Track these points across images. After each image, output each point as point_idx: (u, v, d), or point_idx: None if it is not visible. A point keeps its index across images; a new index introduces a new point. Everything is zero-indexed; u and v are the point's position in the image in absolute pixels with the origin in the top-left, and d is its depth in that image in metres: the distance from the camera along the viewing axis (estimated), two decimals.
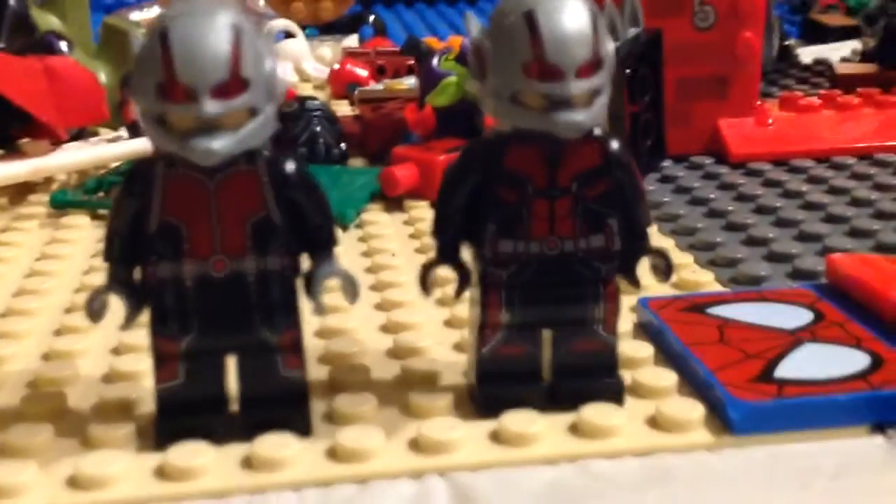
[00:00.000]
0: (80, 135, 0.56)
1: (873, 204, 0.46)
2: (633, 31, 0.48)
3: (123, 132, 0.56)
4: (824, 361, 0.29)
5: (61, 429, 0.28)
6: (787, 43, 0.81)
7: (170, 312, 0.27)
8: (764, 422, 0.27)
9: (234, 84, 0.25)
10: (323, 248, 0.27)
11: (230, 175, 0.26)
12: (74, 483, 0.26)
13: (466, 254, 0.29)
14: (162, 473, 0.26)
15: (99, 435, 0.28)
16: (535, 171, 0.27)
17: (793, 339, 0.31)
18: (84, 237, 0.45)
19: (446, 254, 0.28)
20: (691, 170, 0.53)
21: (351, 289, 0.28)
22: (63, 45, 0.58)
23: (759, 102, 0.56)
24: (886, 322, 0.31)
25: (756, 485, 0.25)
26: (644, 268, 0.29)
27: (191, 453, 0.26)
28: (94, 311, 0.27)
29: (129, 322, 0.27)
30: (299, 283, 0.27)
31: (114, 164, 0.53)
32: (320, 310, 0.27)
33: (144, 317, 0.27)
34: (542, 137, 0.27)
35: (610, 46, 0.27)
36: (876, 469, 0.26)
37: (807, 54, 0.82)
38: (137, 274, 0.27)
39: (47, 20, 0.62)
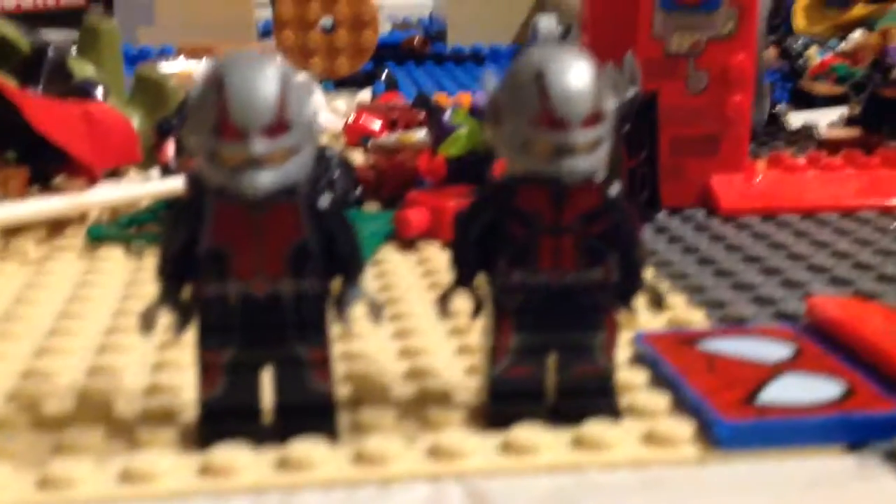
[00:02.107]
0: (111, 176, 0.60)
1: (853, 256, 0.49)
2: (631, 92, 0.52)
3: (153, 173, 0.59)
4: (802, 389, 0.33)
5: (110, 431, 0.31)
6: (776, 109, 0.85)
7: (214, 327, 0.30)
8: (747, 439, 0.30)
9: (280, 126, 0.28)
10: (352, 273, 0.31)
11: (273, 206, 0.29)
12: (125, 477, 0.29)
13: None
14: (204, 470, 0.29)
15: (146, 437, 0.31)
16: (542, 209, 0.31)
17: (774, 370, 0.34)
18: (120, 268, 0.48)
19: (462, 281, 0.32)
20: (684, 222, 0.56)
21: (376, 310, 0.31)
22: (99, 92, 0.62)
23: (748, 161, 0.60)
24: (860, 356, 0.35)
25: (737, 492, 0.28)
26: (640, 303, 0.32)
27: (230, 453, 0.29)
28: (147, 323, 0.30)
29: (177, 334, 0.31)
30: (330, 305, 0.31)
31: (144, 204, 0.57)
32: (349, 328, 0.31)
33: (185, 335, 0.31)
34: (548, 180, 0.30)
35: (610, 102, 0.30)
36: (845, 482, 0.29)
37: (796, 119, 0.86)
38: (185, 292, 0.31)
39: (83, 68, 0.66)
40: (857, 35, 1.22)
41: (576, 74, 0.29)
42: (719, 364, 0.35)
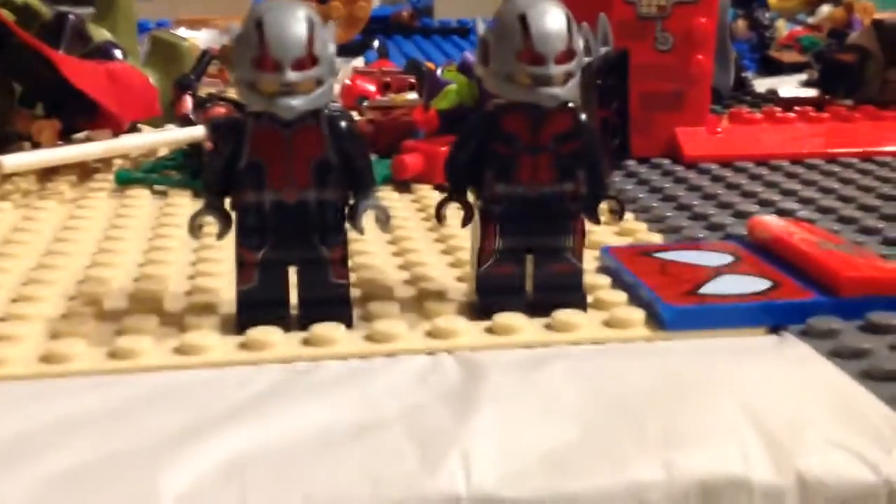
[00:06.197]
0: (132, 129, 0.66)
1: (797, 193, 0.56)
2: (604, 50, 0.58)
3: (171, 127, 0.65)
4: (737, 285, 0.39)
5: (163, 320, 0.38)
6: (743, 75, 0.92)
7: (251, 229, 0.36)
8: (687, 321, 0.37)
9: (308, 60, 0.34)
10: (365, 185, 0.37)
11: (301, 127, 0.36)
12: (180, 350, 0.35)
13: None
14: (244, 345, 0.36)
15: (193, 322, 0.37)
16: (523, 132, 0.37)
17: (715, 272, 0.41)
18: (148, 205, 0.54)
19: (456, 193, 0.38)
20: (652, 168, 0.63)
21: (384, 218, 0.37)
22: (119, 53, 0.67)
23: (710, 115, 0.66)
24: (788, 261, 0.41)
25: (676, 358, 0.35)
26: (603, 212, 0.39)
27: (265, 332, 0.36)
28: (194, 228, 0.37)
29: (220, 237, 0.37)
30: (347, 212, 0.37)
31: (163, 153, 0.63)
32: (362, 231, 0.37)
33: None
34: (529, 107, 0.36)
35: (580, 42, 0.36)
36: (766, 350, 0.35)
37: (761, 85, 0.93)
38: (226, 202, 0.37)
39: (100, 33, 0.72)
40: (824, 9, 1.29)
41: (552, 18, 0.36)
42: (670, 268, 0.41)
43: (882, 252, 0.45)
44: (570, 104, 0.37)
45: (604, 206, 0.38)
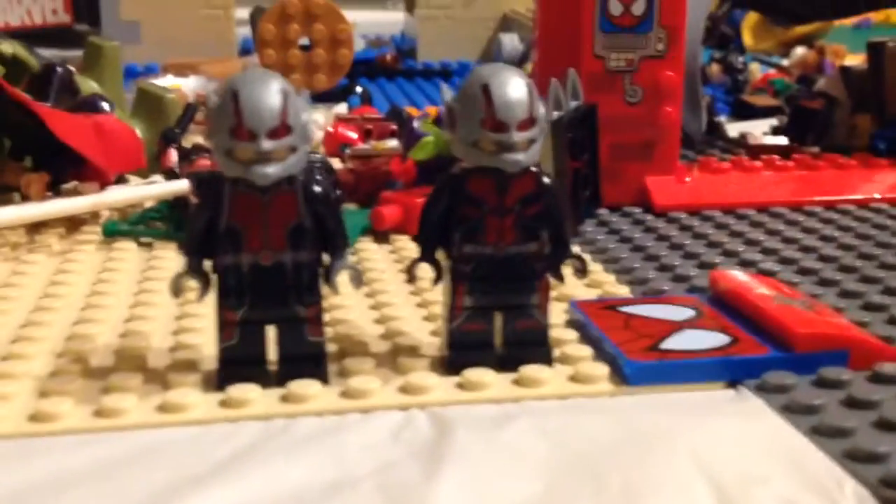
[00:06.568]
0: (118, 181, 0.68)
1: (761, 243, 0.58)
2: (574, 104, 0.61)
3: (156, 178, 0.67)
4: (697, 340, 0.41)
5: (147, 377, 0.39)
6: (717, 120, 0.94)
7: (231, 290, 0.38)
8: (648, 376, 0.39)
9: (282, 129, 0.36)
10: (338, 247, 0.39)
11: (276, 193, 0.37)
12: (163, 408, 0.37)
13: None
14: (224, 403, 0.37)
15: (176, 380, 0.38)
16: (489, 195, 0.39)
17: (677, 326, 0.42)
18: (134, 257, 0.56)
19: (426, 254, 0.40)
20: (623, 217, 0.65)
21: (356, 277, 0.39)
22: (106, 106, 0.69)
23: (679, 164, 0.68)
24: (746, 316, 0.43)
25: (637, 412, 0.37)
26: (567, 270, 0.40)
27: (244, 390, 0.37)
28: (175, 289, 0.38)
29: (200, 298, 0.38)
30: (321, 273, 0.39)
31: (149, 204, 0.64)
32: (335, 291, 0.39)
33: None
34: (494, 171, 0.38)
35: (542, 109, 0.38)
36: (722, 404, 0.37)
37: (734, 129, 0.95)
38: (206, 264, 0.38)
39: (88, 84, 0.74)
40: (798, 51, 1.33)
41: (514, 87, 0.38)
42: (634, 322, 0.43)
43: (838, 305, 0.47)
44: (533, 168, 0.39)
45: (567, 264, 0.40)
